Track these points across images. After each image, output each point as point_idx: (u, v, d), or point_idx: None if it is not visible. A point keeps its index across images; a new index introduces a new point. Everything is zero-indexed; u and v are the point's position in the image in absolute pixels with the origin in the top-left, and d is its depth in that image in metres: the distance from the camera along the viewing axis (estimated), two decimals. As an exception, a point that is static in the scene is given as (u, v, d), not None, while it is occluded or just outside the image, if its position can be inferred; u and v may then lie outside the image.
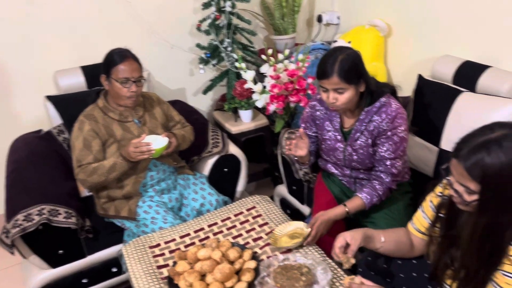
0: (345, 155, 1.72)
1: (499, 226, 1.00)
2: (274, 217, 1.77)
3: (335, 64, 1.51)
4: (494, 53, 1.97)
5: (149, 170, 1.91)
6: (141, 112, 1.96)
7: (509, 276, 1.00)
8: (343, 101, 1.56)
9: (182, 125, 2.14)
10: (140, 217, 1.85)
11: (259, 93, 2.35)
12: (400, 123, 1.61)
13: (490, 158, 0.96)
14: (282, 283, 1.35)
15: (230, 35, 2.52)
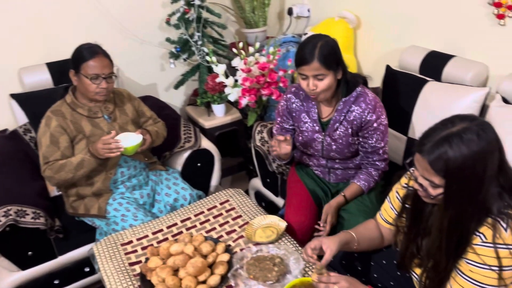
0: (324, 145, 1.74)
1: (465, 218, 1.03)
2: (248, 210, 1.77)
3: (315, 49, 1.52)
4: (458, 43, 2.02)
5: (120, 166, 1.88)
6: (111, 108, 1.92)
7: (473, 264, 1.03)
8: (323, 88, 1.56)
9: (154, 120, 2.11)
10: (110, 214, 1.82)
11: (231, 87, 2.34)
12: (381, 111, 1.66)
13: (453, 151, 0.98)
14: (255, 274, 1.36)
15: (200, 29, 2.50)
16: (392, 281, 1.39)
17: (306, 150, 1.82)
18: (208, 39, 2.58)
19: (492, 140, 0.99)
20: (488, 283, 1.01)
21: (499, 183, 1.01)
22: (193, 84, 2.86)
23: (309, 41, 1.56)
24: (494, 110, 1.71)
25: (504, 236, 0.99)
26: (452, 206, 1.03)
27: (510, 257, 0.98)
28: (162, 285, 1.35)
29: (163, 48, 2.70)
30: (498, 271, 0.99)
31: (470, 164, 0.98)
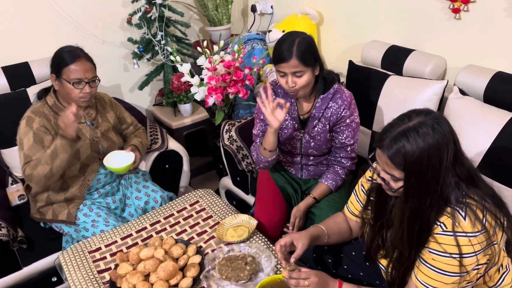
0: (302, 143, 1.75)
1: (425, 209, 1.06)
2: (218, 209, 1.76)
3: (293, 47, 1.52)
4: (417, 37, 2.08)
5: (98, 173, 1.84)
6: (94, 114, 1.86)
7: (434, 253, 1.07)
8: (302, 84, 1.57)
9: (135, 127, 2.07)
10: (79, 221, 1.77)
11: (197, 86, 2.32)
12: (355, 109, 1.68)
13: (410, 145, 1.02)
14: (227, 275, 1.36)
15: (162, 28, 2.46)
16: (361, 271, 1.43)
17: (284, 147, 1.83)
18: (172, 38, 2.54)
19: (447, 133, 1.03)
20: (450, 270, 1.05)
21: (456, 173, 1.05)
22: (158, 84, 2.82)
23: (286, 38, 1.56)
24: (452, 102, 1.77)
25: (463, 224, 1.03)
26: (411, 198, 1.07)
27: (470, 245, 1.02)
28: (133, 291, 1.32)
29: (126, 48, 2.64)
30: (459, 259, 1.03)
31: (427, 157, 1.01)
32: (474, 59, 1.86)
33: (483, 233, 1.03)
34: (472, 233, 1.02)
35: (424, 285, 1.09)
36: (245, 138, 2.14)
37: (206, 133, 2.69)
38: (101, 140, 1.85)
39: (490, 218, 1.04)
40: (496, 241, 1.06)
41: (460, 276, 1.05)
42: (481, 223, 1.02)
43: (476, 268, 1.06)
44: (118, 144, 1.93)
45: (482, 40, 1.84)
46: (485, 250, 1.04)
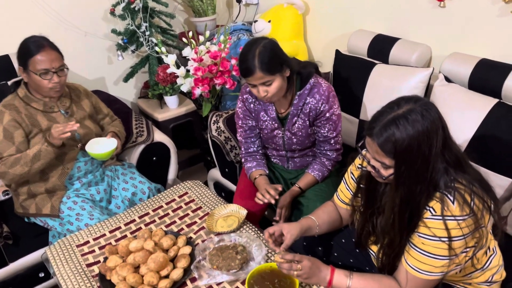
0: (285, 140, 1.75)
1: (415, 195, 1.07)
2: (208, 200, 1.75)
3: (254, 59, 1.48)
4: (402, 26, 2.09)
5: (77, 160, 1.81)
6: (68, 103, 1.85)
7: (424, 237, 1.08)
8: (273, 92, 1.55)
9: (111, 118, 2.06)
10: (64, 214, 1.75)
11: (183, 77, 2.30)
12: (334, 102, 1.66)
13: (400, 132, 1.02)
14: (218, 264, 1.36)
15: (147, 19, 2.42)
16: (351, 258, 1.44)
17: (268, 145, 1.83)
18: (156, 29, 2.51)
19: (436, 119, 1.04)
20: (440, 253, 1.07)
21: (444, 159, 1.06)
22: (143, 76, 2.78)
23: (248, 50, 1.51)
24: (438, 89, 1.79)
25: (451, 208, 1.04)
26: (402, 184, 1.07)
27: (458, 228, 1.04)
28: (123, 283, 1.31)
29: (109, 40, 2.60)
30: (448, 242, 1.05)
31: (417, 144, 1.02)
32: (459, 47, 1.88)
33: (471, 217, 1.04)
34: (461, 217, 1.04)
35: (414, 269, 1.11)
36: (233, 129, 2.13)
37: (193, 125, 2.66)
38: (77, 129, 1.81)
39: (477, 201, 1.06)
40: (483, 224, 1.08)
41: (449, 259, 1.07)
42: (469, 207, 1.04)
43: (465, 251, 1.08)
44: (96, 131, 1.91)
45: (466, 27, 1.85)
46: (473, 233, 1.06)
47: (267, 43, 1.52)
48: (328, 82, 1.69)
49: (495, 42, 1.78)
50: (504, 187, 1.56)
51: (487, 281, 1.20)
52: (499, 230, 1.19)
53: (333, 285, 1.19)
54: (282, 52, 1.58)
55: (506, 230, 1.52)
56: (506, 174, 1.55)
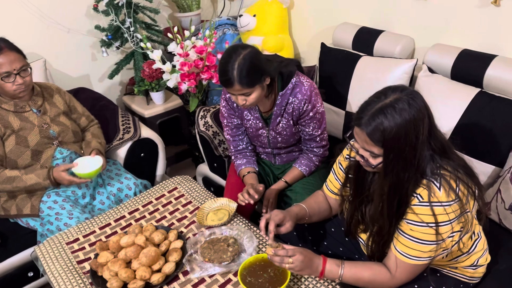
0: (269, 139, 1.76)
1: (403, 182, 1.10)
2: (197, 195, 1.76)
3: (233, 71, 1.45)
4: (386, 18, 2.12)
5: (54, 158, 1.79)
6: (40, 102, 1.82)
7: (412, 223, 1.11)
8: (252, 101, 1.54)
9: (87, 118, 2.02)
10: (44, 213, 1.74)
11: (169, 73, 2.29)
12: (317, 100, 1.66)
13: (388, 121, 1.04)
14: (210, 257, 1.37)
15: (131, 15, 2.40)
16: (341, 247, 1.47)
17: (254, 143, 1.84)
18: (141, 25, 2.49)
19: (422, 108, 1.06)
20: (427, 239, 1.09)
21: (430, 146, 1.09)
22: (128, 73, 2.76)
23: (228, 61, 1.47)
24: (421, 80, 1.82)
25: (438, 194, 1.07)
26: (391, 172, 1.10)
27: (445, 213, 1.07)
28: (115, 279, 1.31)
29: (93, 37, 2.57)
30: (435, 227, 1.07)
31: (404, 132, 1.04)
32: (441, 38, 1.92)
33: (457, 202, 1.07)
34: (447, 202, 1.06)
35: (403, 255, 1.14)
36: (220, 123, 2.12)
37: (180, 120, 2.66)
38: (51, 125, 1.81)
39: (462, 187, 1.09)
40: (468, 209, 1.11)
41: (437, 244, 1.10)
42: (454, 193, 1.07)
43: (451, 236, 1.11)
44: (72, 128, 1.89)
45: (448, 19, 1.89)
46: (459, 218, 1.09)
47: (247, 55, 1.47)
48: (310, 80, 1.68)
49: (476, 32, 1.82)
50: (487, 174, 1.61)
51: (473, 264, 1.24)
52: (483, 215, 1.22)
53: (325, 275, 1.21)
54: (263, 62, 1.53)
55: (490, 215, 1.56)
56: (489, 161, 1.60)
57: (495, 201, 1.53)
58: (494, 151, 1.58)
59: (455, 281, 1.26)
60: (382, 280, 1.17)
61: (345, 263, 1.21)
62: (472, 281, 1.28)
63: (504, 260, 1.38)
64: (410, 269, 1.15)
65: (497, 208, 1.52)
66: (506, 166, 1.54)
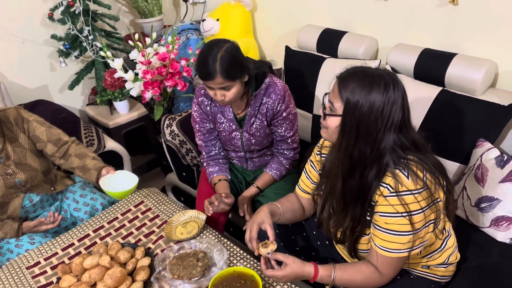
0: (243, 141, 1.73)
1: (360, 159, 1.09)
2: (165, 208, 1.70)
3: (215, 63, 1.44)
4: (349, 19, 2.13)
5: (24, 208, 1.67)
6: (1, 145, 1.60)
7: (386, 215, 1.09)
8: (231, 97, 1.52)
9: (56, 143, 1.70)
10: (2, 242, 1.62)
11: (131, 81, 2.22)
12: (290, 101, 1.65)
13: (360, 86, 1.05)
14: (179, 274, 1.32)
15: (89, 23, 2.31)
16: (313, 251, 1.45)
17: (227, 147, 1.80)
18: (100, 33, 2.41)
19: (397, 97, 1.06)
20: (403, 229, 1.08)
21: (399, 138, 1.08)
22: (90, 82, 2.67)
23: (209, 54, 1.46)
24: (385, 80, 1.83)
25: (406, 183, 1.06)
26: (348, 138, 1.09)
27: (416, 202, 1.06)
28: (79, 304, 1.24)
29: (51, 46, 2.46)
30: (408, 217, 1.06)
31: (370, 106, 1.04)
32: (403, 38, 1.94)
33: (426, 190, 1.07)
34: (416, 190, 1.06)
35: (383, 249, 1.12)
36: (187, 132, 2.09)
37: (147, 129, 2.59)
38: (17, 172, 1.61)
39: (430, 176, 1.08)
40: (439, 198, 1.10)
41: (413, 234, 1.08)
42: (422, 181, 1.06)
43: (426, 226, 1.09)
44: (42, 168, 1.69)
45: (409, 18, 1.91)
46: (431, 207, 1.08)
47: (229, 48, 1.48)
48: (282, 81, 1.69)
49: (436, 31, 1.84)
50: (452, 172, 1.63)
51: (444, 263, 1.25)
52: (452, 212, 1.23)
53: (317, 280, 1.19)
54: (243, 58, 1.54)
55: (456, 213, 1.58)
56: (454, 159, 1.62)
57: (461, 198, 1.55)
58: (458, 149, 1.61)
59: (427, 282, 1.26)
60: (374, 280, 1.17)
61: (336, 268, 1.18)
62: (443, 280, 1.29)
63: (473, 257, 1.40)
64: (393, 263, 1.14)
65: (464, 206, 1.54)
66: (470, 163, 1.56)
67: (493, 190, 1.45)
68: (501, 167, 1.44)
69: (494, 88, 1.73)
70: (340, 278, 1.17)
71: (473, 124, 1.58)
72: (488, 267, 1.37)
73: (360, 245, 1.23)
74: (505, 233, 1.43)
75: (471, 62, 1.66)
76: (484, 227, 1.48)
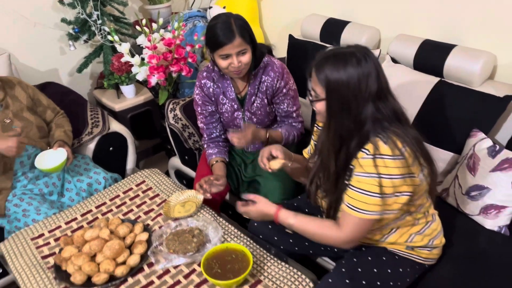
0: (245, 121, 1.77)
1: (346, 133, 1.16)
2: (165, 188, 1.76)
3: (231, 26, 1.51)
4: (353, 9, 2.15)
5: (19, 156, 1.77)
6: (1, 95, 1.79)
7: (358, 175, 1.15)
8: (246, 61, 1.57)
9: (53, 110, 1.98)
10: (10, 211, 1.71)
11: (138, 66, 2.27)
12: (289, 77, 1.72)
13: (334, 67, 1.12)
14: (175, 248, 1.38)
15: (98, 7, 2.36)
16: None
17: (229, 128, 1.85)
18: (109, 17, 2.46)
19: (370, 68, 1.12)
20: (371, 190, 1.13)
21: (378, 107, 1.14)
22: (99, 67, 2.73)
23: (219, 21, 1.53)
24: (384, 70, 1.85)
25: (382, 148, 1.11)
26: (333, 118, 1.17)
27: (386, 166, 1.11)
28: (79, 272, 1.31)
29: (61, 30, 2.52)
30: (377, 178, 1.11)
31: (347, 81, 1.11)
32: (405, 29, 1.95)
33: (401, 160, 1.11)
34: (390, 156, 1.11)
35: (350, 207, 1.17)
36: (190, 116, 2.13)
37: (152, 114, 2.65)
38: (14, 121, 1.78)
39: (409, 150, 1.13)
40: (415, 173, 1.14)
41: (381, 198, 1.12)
42: (399, 150, 1.11)
43: (395, 195, 1.13)
44: (37, 123, 1.86)
45: (411, 9, 1.93)
46: (404, 178, 1.12)
47: (239, 15, 1.58)
48: (280, 61, 1.73)
49: (437, 23, 1.86)
50: (446, 161, 1.66)
51: (428, 245, 1.28)
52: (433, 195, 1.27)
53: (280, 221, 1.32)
54: (250, 27, 1.61)
55: (447, 200, 1.61)
56: (448, 148, 1.65)
57: (453, 186, 1.58)
58: (452, 139, 1.63)
59: (412, 263, 1.30)
60: (328, 232, 1.22)
61: (297, 216, 1.29)
62: (427, 262, 1.33)
63: (461, 244, 1.43)
64: (355, 222, 1.17)
65: (455, 194, 1.57)
66: (464, 152, 1.59)
67: (483, 179, 1.47)
68: (492, 156, 1.47)
69: (493, 80, 1.74)
70: (298, 223, 1.28)
71: (468, 115, 1.60)
72: (476, 253, 1.40)
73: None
74: (494, 221, 1.46)
75: (470, 53, 1.68)
76: (474, 215, 1.51)
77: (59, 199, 1.83)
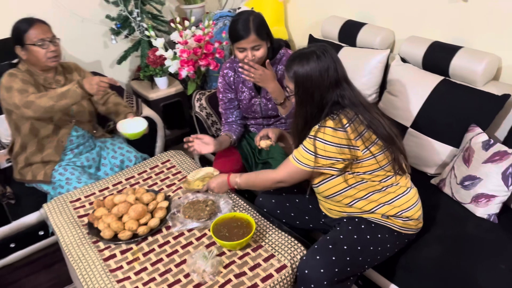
0: (261, 107, 1.96)
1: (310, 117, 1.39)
2: (187, 166, 1.97)
3: (249, 23, 1.71)
4: (370, 12, 2.29)
5: (70, 135, 2.02)
6: (62, 81, 2.02)
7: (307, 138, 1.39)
8: (260, 56, 1.77)
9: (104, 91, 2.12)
10: (55, 179, 1.96)
11: (170, 59, 2.50)
12: None
13: (299, 64, 1.34)
14: (190, 215, 1.58)
15: (138, 6, 2.62)
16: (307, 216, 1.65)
17: (247, 115, 2.04)
18: (147, 15, 2.71)
19: (329, 62, 1.33)
20: (308, 147, 1.37)
21: (337, 95, 1.35)
22: (136, 61, 2.99)
23: (240, 18, 1.74)
24: (394, 69, 1.99)
25: (328, 122, 1.33)
26: (300, 105, 1.40)
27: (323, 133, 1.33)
28: (107, 229, 1.53)
29: (105, 26, 2.80)
30: (313, 140, 1.35)
31: (311, 75, 1.33)
32: (418, 31, 2.07)
33: (341, 131, 1.31)
34: (331, 127, 1.32)
35: (292, 157, 1.43)
36: (214, 106, 2.34)
37: (182, 104, 2.88)
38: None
39: (355, 126, 1.32)
40: (359, 147, 1.33)
41: (314, 156, 1.35)
42: (342, 124, 1.31)
43: (326, 158, 1.35)
44: (88, 109, 2.10)
45: (424, 13, 2.04)
46: (339, 147, 1.32)
47: (257, 13, 1.78)
48: None
49: (447, 26, 1.97)
50: (445, 154, 1.77)
51: (398, 215, 1.41)
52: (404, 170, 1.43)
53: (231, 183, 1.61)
54: (268, 25, 1.81)
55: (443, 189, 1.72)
56: (447, 142, 1.76)
57: (449, 177, 1.69)
58: (452, 133, 1.74)
59: (389, 230, 1.43)
60: (266, 175, 1.52)
61: (243, 174, 1.59)
62: (404, 231, 1.44)
63: (450, 227, 1.55)
64: (290, 167, 1.43)
65: (451, 183, 1.68)
66: (461, 146, 1.70)
67: (476, 170, 1.58)
68: (485, 149, 1.57)
69: (497, 81, 1.84)
70: (243, 178, 1.57)
71: (467, 111, 1.71)
72: (463, 237, 1.52)
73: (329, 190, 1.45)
74: (484, 209, 1.57)
75: (474, 55, 1.78)
76: (466, 203, 1.62)
77: (96, 172, 2.09)
